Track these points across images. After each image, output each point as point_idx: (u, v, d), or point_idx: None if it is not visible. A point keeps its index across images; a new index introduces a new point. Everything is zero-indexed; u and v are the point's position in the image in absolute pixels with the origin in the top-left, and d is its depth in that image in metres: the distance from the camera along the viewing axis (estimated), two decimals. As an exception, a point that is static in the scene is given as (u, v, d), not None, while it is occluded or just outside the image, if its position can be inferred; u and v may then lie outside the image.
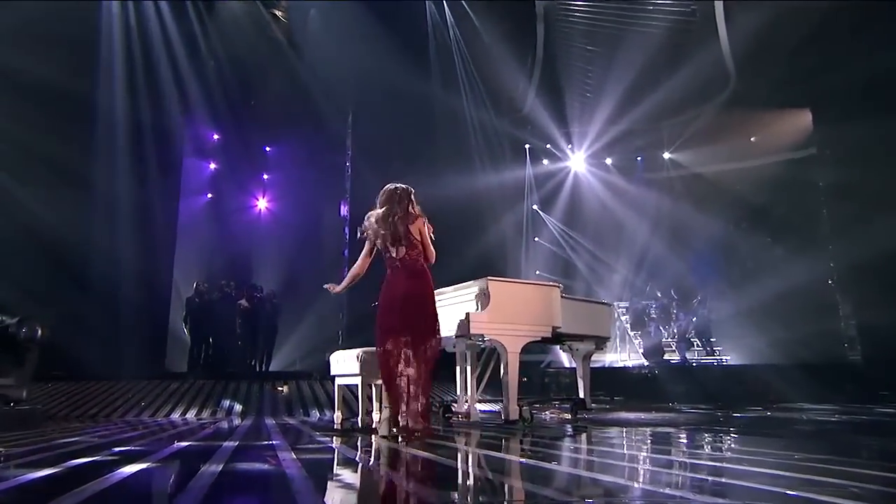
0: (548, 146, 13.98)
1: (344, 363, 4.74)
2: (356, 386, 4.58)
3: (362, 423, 4.59)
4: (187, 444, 3.64)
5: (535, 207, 14.48)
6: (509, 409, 4.38)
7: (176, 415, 6.38)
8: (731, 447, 3.41)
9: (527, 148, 14.18)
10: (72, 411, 6.26)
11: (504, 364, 4.44)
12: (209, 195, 12.91)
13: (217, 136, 12.80)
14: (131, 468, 2.56)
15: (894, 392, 7.48)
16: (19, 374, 4.58)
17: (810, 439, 3.89)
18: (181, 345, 10.12)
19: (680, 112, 12.14)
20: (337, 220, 12.09)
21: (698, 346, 10.92)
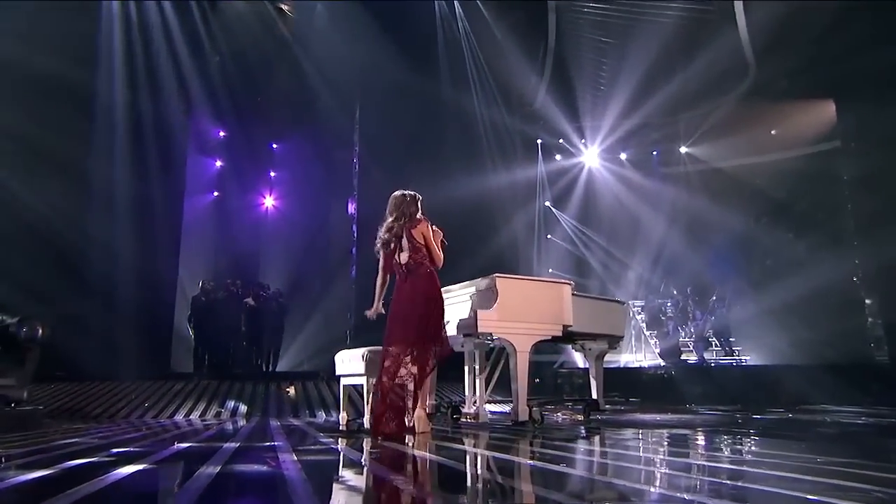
0: (560, 141, 13.88)
1: (349, 363, 4.72)
2: (362, 386, 4.56)
3: (368, 424, 4.55)
4: (187, 446, 3.63)
5: (548, 204, 14.39)
6: (519, 410, 4.33)
7: (180, 416, 6.41)
8: (750, 450, 3.35)
9: (538, 143, 14.10)
10: (74, 413, 6.30)
11: (513, 364, 4.39)
12: (215, 193, 12.96)
13: (223, 134, 12.85)
14: (127, 469, 2.55)
15: (923, 393, 7.33)
16: (20, 375, 4.60)
17: (834, 442, 3.81)
18: (186, 345, 10.17)
19: (697, 104, 12.00)
20: (344, 218, 12.08)
21: (717, 346, 10.79)
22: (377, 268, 4.37)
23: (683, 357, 10.70)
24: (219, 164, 13.09)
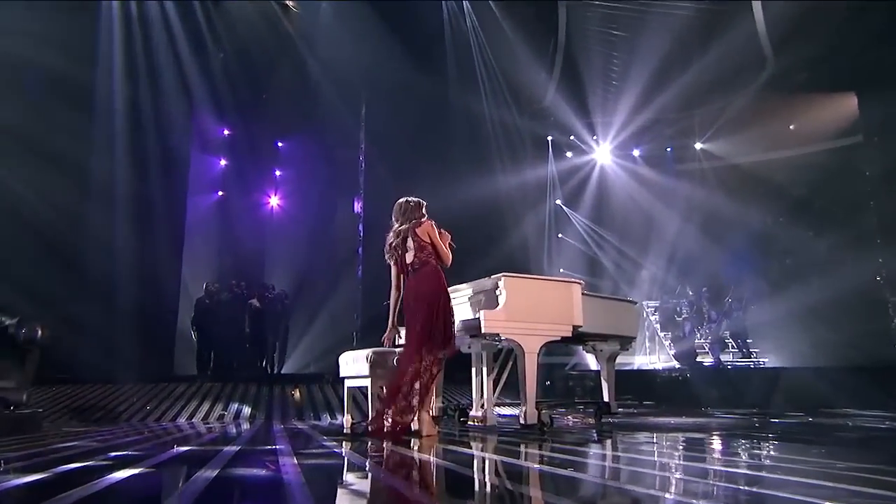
0: (571, 138, 13.80)
1: (353, 364, 4.70)
2: (367, 388, 4.53)
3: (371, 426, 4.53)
4: (186, 449, 3.63)
5: (559, 202, 14.31)
6: (527, 413, 4.28)
7: (182, 419, 6.42)
8: (768, 454, 3.30)
9: (549, 140, 14.02)
10: (75, 416, 6.33)
11: (521, 365, 4.35)
12: (220, 193, 13.01)
13: (227, 132, 12.89)
14: (122, 473, 2.55)
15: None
16: (19, 377, 4.62)
17: (855, 447, 3.75)
18: (190, 347, 10.20)
19: (712, 98, 11.86)
20: (351, 217, 12.08)
21: (733, 348, 10.67)
22: (385, 275, 4.47)
23: (699, 359, 10.59)
24: (223, 162, 13.14)
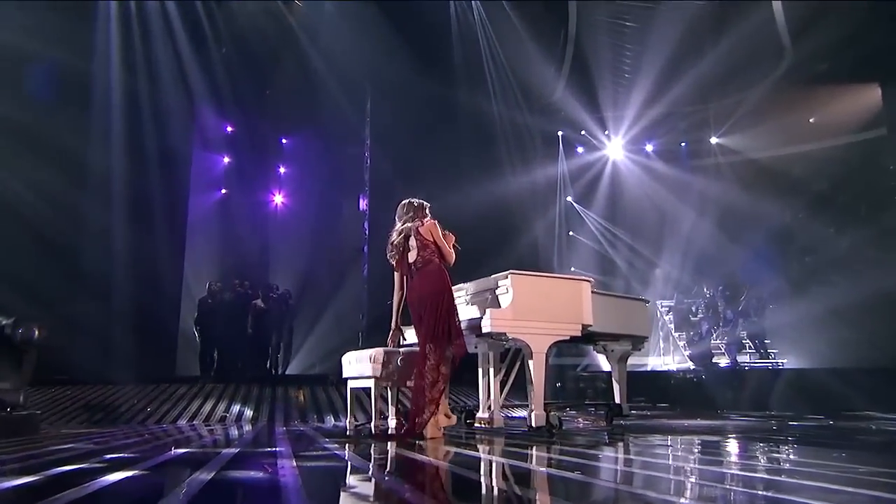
0: (582, 132, 13.72)
1: (356, 364, 4.68)
2: (370, 389, 4.52)
3: (376, 428, 4.52)
4: (184, 451, 3.62)
5: (570, 199, 14.23)
6: (535, 414, 4.24)
7: (183, 420, 6.43)
8: (785, 458, 3.25)
9: (559, 135, 13.95)
10: (73, 418, 6.36)
11: (529, 366, 4.30)
12: (223, 191, 13.04)
13: (231, 129, 12.92)
14: (115, 476, 2.54)
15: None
16: (16, 378, 4.63)
17: (878, 451, 3.70)
18: (193, 347, 10.24)
19: (728, 91, 11.74)
20: (356, 215, 12.07)
21: (751, 349, 10.56)
22: (390, 274, 4.49)
23: (715, 360, 10.49)
24: (226, 160, 13.17)
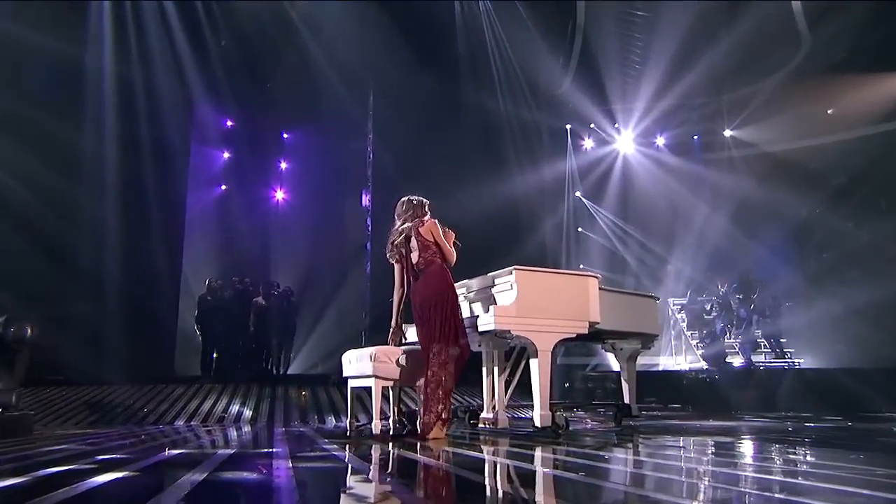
0: (591, 126, 13.64)
1: (356, 363, 4.64)
2: (371, 388, 4.48)
3: (376, 429, 4.49)
4: (178, 453, 3.61)
5: (579, 194, 14.16)
6: (540, 415, 4.20)
7: (181, 421, 6.43)
8: (801, 460, 3.22)
9: (568, 129, 13.87)
10: (68, 419, 6.36)
11: (534, 364, 4.26)
12: (223, 187, 13.05)
13: (231, 123, 12.92)
14: (105, 477, 2.53)
15: None
16: (8, 378, 4.63)
17: (898, 453, 3.64)
18: (193, 346, 10.26)
19: (741, 81, 11.64)
20: (359, 211, 12.06)
21: (766, 348, 10.49)
22: (393, 271, 4.50)
23: (728, 360, 10.42)
24: (226, 155, 13.18)
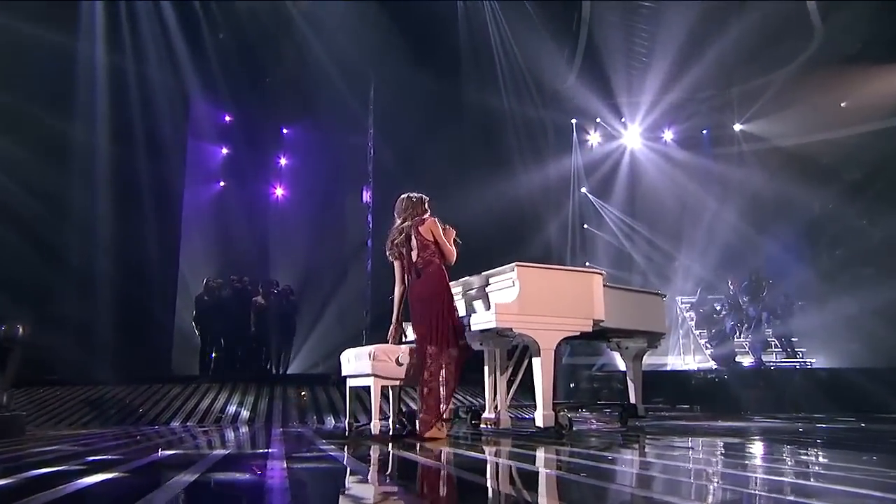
0: (598, 120, 13.59)
1: (355, 362, 4.62)
2: (370, 387, 4.46)
3: (375, 429, 4.47)
4: (171, 453, 3.60)
5: (584, 191, 14.10)
6: (543, 415, 4.17)
7: (177, 422, 6.43)
8: (812, 461, 3.20)
9: (573, 123, 13.82)
10: (62, 419, 6.37)
11: (536, 363, 4.23)
12: (221, 183, 13.05)
13: (229, 118, 12.92)
14: (94, 478, 2.52)
15: None
16: (0, 378, 4.63)
17: (912, 455, 3.60)
18: (191, 346, 10.27)
19: (752, 74, 11.57)
20: (359, 207, 12.05)
21: (777, 348, 10.43)
22: (393, 269, 4.55)
23: (738, 359, 10.38)
24: (224, 151, 13.17)
